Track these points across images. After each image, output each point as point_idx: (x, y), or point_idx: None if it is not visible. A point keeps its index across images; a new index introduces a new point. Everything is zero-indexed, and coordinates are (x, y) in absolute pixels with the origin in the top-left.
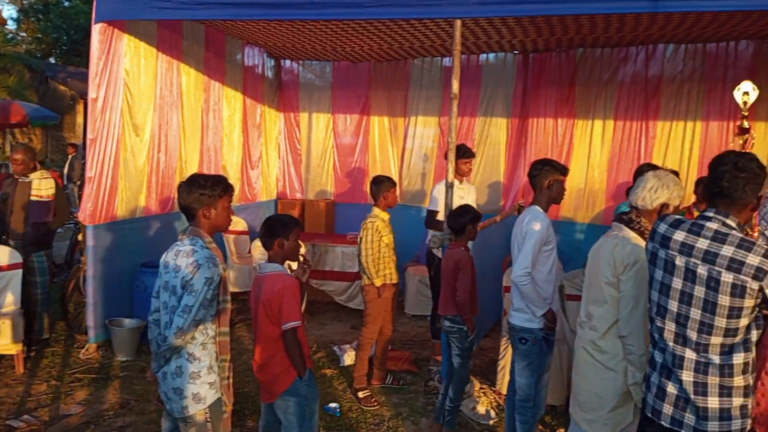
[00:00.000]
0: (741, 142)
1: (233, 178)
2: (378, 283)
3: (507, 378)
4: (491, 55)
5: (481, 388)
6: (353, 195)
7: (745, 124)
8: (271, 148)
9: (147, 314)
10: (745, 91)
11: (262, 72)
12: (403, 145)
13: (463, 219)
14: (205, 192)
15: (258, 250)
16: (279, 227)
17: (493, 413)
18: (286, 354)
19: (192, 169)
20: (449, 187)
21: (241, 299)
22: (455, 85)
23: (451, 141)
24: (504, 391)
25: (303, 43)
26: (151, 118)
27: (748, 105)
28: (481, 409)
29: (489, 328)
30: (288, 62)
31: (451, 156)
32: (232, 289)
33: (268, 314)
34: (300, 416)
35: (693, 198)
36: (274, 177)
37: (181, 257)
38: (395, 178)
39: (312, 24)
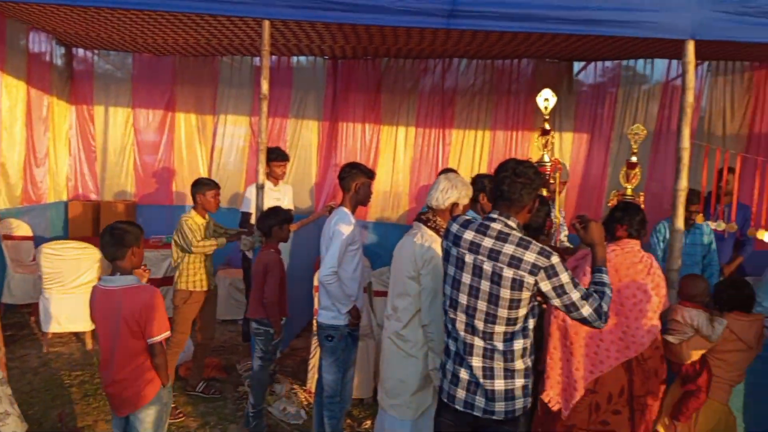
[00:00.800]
0: (543, 141)
1: (14, 177)
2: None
3: (317, 376)
4: (302, 58)
5: (291, 389)
6: (157, 196)
7: (546, 126)
8: (61, 144)
9: None
10: (546, 98)
11: (50, 60)
12: (212, 144)
13: (270, 221)
14: None
15: (45, 257)
16: (130, 236)
17: (303, 412)
18: (152, 365)
19: None
20: (259, 188)
21: (25, 312)
22: (264, 86)
23: (261, 142)
24: (314, 390)
25: (98, 32)
26: None
27: (549, 109)
28: (291, 409)
29: (301, 327)
30: (81, 51)
31: (262, 157)
32: (12, 301)
33: (132, 329)
34: (157, 424)
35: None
36: (64, 176)
37: None
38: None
39: (108, 12)
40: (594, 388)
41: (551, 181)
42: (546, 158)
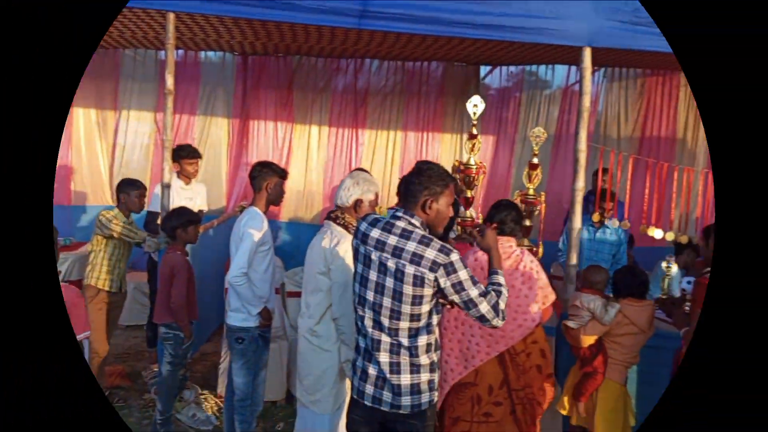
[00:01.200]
0: (470, 146)
1: None
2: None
3: (228, 380)
4: (211, 53)
5: (201, 394)
6: (54, 195)
7: (474, 130)
8: None
9: None
10: (475, 104)
11: None
12: (114, 140)
13: (173, 222)
14: None
15: None
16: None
17: (214, 418)
18: None
19: None
20: (165, 187)
21: None
22: (170, 81)
23: (167, 139)
24: (225, 394)
25: None
26: None
27: (477, 115)
28: (201, 415)
29: (211, 331)
30: None
31: (167, 155)
32: None
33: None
34: None
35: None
36: None
37: None
38: (105, 176)
39: None
40: (475, 381)
41: (475, 184)
42: (472, 161)
